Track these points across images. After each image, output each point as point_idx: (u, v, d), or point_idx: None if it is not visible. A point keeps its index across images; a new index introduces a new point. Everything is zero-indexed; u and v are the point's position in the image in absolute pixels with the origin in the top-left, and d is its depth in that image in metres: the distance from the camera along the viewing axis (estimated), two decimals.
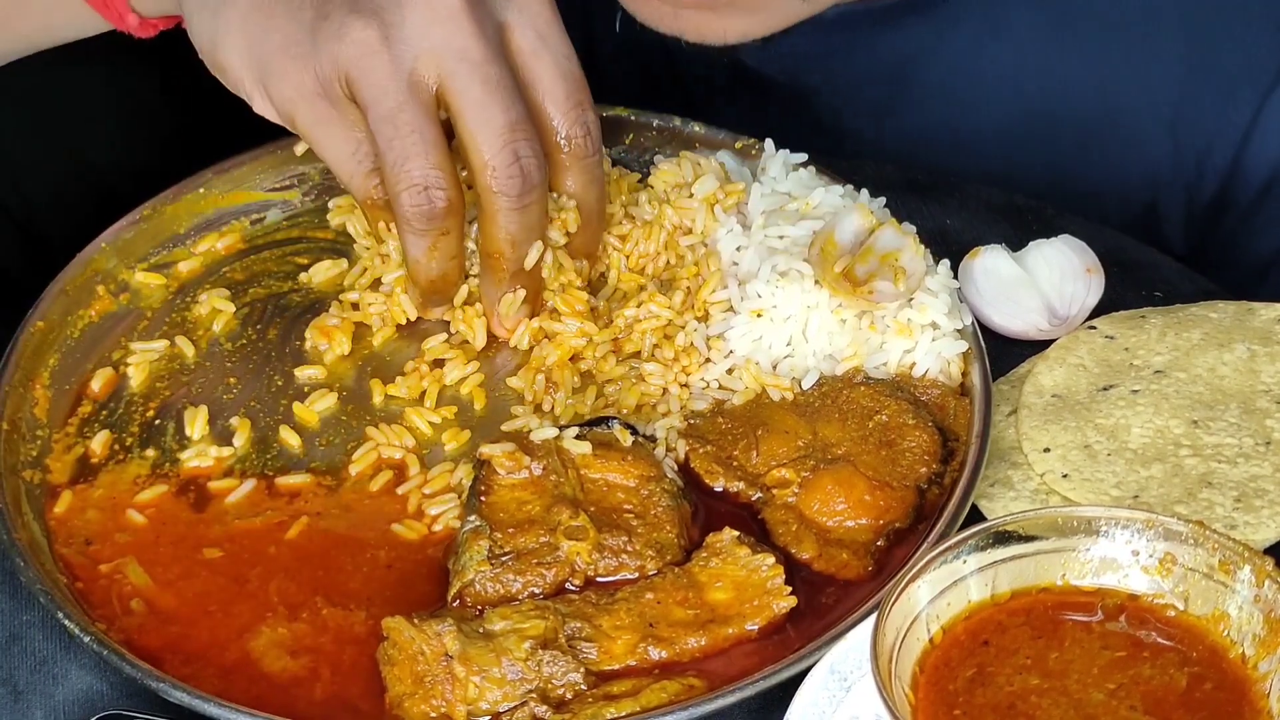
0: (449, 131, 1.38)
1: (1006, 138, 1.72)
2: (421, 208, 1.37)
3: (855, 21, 1.67)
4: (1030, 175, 1.69)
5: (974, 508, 1.37)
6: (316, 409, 1.45)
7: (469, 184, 1.40)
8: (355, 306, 1.52)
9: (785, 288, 1.44)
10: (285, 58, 1.37)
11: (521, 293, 1.43)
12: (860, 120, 1.73)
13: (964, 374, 1.44)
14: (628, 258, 1.53)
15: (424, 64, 1.35)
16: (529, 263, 1.41)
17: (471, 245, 1.45)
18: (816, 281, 1.44)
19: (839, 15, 1.55)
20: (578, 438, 1.40)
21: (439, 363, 1.47)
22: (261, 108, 1.41)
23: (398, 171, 1.36)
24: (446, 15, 1.34)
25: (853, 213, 1.46)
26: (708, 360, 1.46)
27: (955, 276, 1.48)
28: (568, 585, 1.33)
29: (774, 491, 1.38)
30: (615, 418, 1.43)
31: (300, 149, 1.58)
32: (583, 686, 1.26)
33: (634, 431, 1.42)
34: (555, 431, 1.40)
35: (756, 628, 1.30)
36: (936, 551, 1.19)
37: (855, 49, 1.70)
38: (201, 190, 1.58)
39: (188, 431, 1.44)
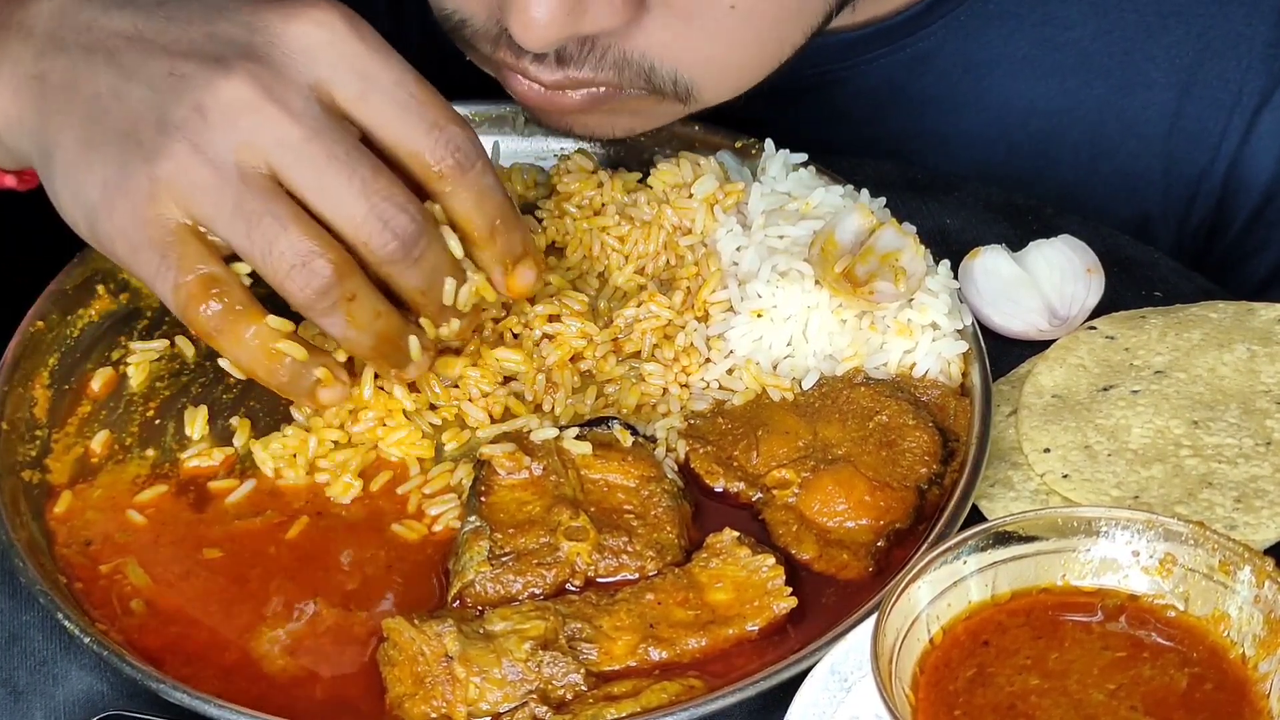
0: None
1: (991, 171, 1.70)
2: (311, 285, 1.28)
3: (826, 53, 1.66)
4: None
5: (974, 508, 1.37)
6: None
7: None
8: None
9: (785, 288, 1.44)
10: (102, 196, 1.31)
11: (455, 322, 1.38)
12: (839, 157, 1.72)
13: (964, 374, 1.44)
14: (627, 258, 1.53)
15: (245, 156, 1.28)
16: (448, 299, 1.35)
17: None
18: (817, 282, 1.44)
19: (809, 52, 1.54)
20: (578, 438, 1.40)
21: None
22: (92, 243, 1.35)
23: (270, 262, 1.28)
24: (244, 106, 1.28)
25: (853, 213, 1.46)
26: (708, 360, 1.46)
27: (955, 276, 1.48)
28: (568, 586, 1.33)
29: (774, 492, 1.38)
30: (615, 418, 1.43)
31: None
32: (583, 687, 1.26)
33: (634, 432, 1.42)
34: (555, 432, 1.40)
35: (757, 628, 1.30)
36: (937, 552, 1.19)
37: (829, 86, 1.68)
38: None
39: (188, 431, 1.44)
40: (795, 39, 1.48)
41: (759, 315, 1.45)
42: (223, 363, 1.37)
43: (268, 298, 1.33)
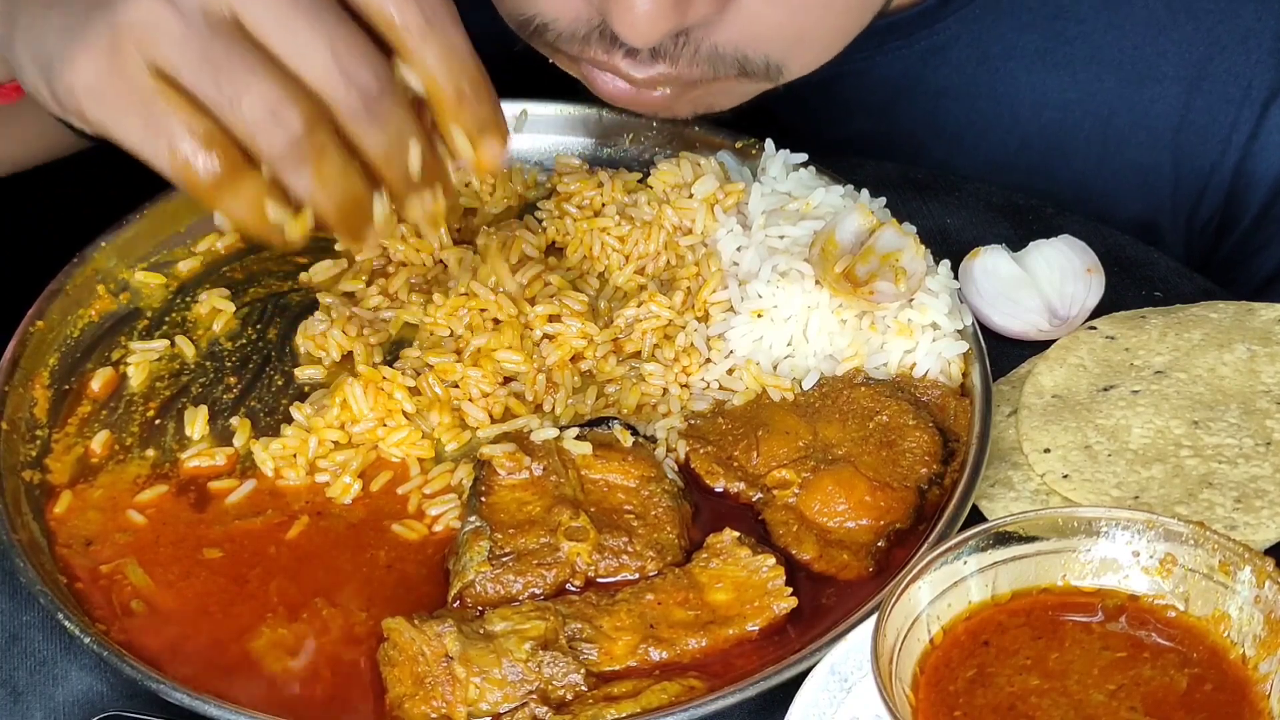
0: None
1: (1003, 163, 1.71)
2: (279, 134, 1.22)
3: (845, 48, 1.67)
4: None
5: (974, 508, 1.37)
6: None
7: None
8: (351, 296, 1.52)
9: (785, 288, 1.44)
10: (61, 49, 1.25)
11: (426, 194, 1.31)
12: (852, 149, 1.73)
13: (964, 374, 1.44)
14: (627, 258, 1.53)
15: (211, 4, 1.22)
16: (413, 167, 1.28)
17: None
18: (817, 282, 1.44)
19: None
20: (578, 438, 1.40)
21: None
22: (66, 115, 1.28)
23: (238, 111, 1.22)
24: None
25: (853, 213, 1.46)
26: (708, 360, 1.46)
27: (955, 276, 1.48)
28: (568, 586, 1.33)
29: (774, 492, 1.38)
30: (615, 418, 1.43)
31: None
32: (583, 687, 1.26)
33: (634, 432, 1.42)
34: (556, 432, 1.40)
35: (757, 628, 1.30)
36: (937, 552, 1.19)
37: (845, 78, 1.69)
38: None
39: (188, 431, 1.44)
40: (875, 5, 1.49)
41: (759, 315, 1.45)
42: (218, 219, 1.32)
43: None
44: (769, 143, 1.57)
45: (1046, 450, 1.41)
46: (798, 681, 1.24)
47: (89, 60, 1.24)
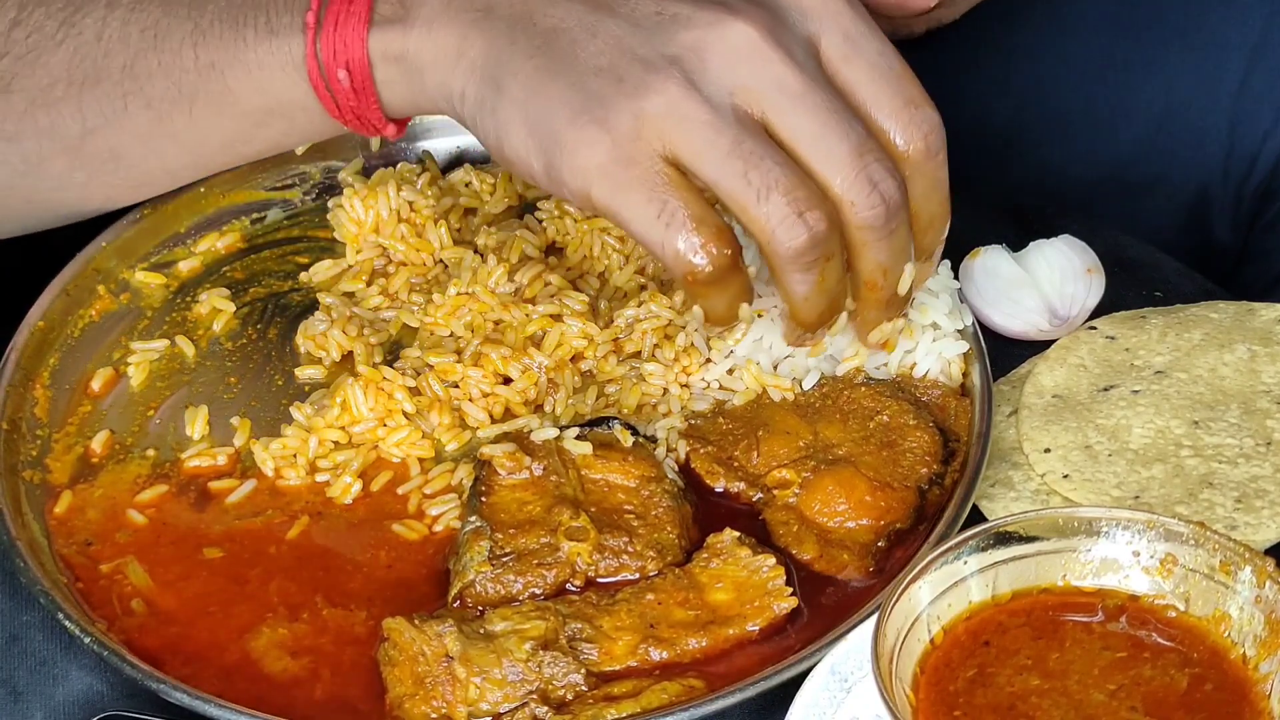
0: None
1: (1066, 129, 1.73)
2: (801, 238, 1.23)
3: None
4: (1091, 166, 1.69)
5: (975, 508, 1.37)
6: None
7: None
8: (352, 296, 1.52)
9: None
10: (573, 129, 1.25)
11: (900, 321, 1.36)
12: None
13: (965, 374, 1.44)
14: (627, 258, 1.53)
15: (742, 99, 1.24)
16: (903, 289, 1.31)
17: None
18: None
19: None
20: (578, 438, 1.40)
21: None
22: (557, 191, 1.29)
23: (764, 206, 1.23)
24: (749, 49, 1.24)
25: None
26: (708, 360, 1.46)
27: (955, 276, 1.48)
28: (568, 586, 1.33)
29: (775, 492, 1.38)
30: (616, 418, 1.43)
31: (301, 148, 1.58)
32: (583, 687, 1.26)
33: (635, 432, 1.41)
34: (556, 432, 1.40)
35: (757, 628, 1.30)
36: (937, 552, 1.19)
37: (920, 43, 1.70)
38: (202, 189, 1.58)
39: (188, 431, 1.44)
40: None
41: (759, 315, 1.45)
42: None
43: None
44: None
45: (1047, 450, 1.41)
46: (798, 681, 1.24)
47: (608, 144, 1.24)
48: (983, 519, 1.37)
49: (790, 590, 1.31)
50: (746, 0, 1.26)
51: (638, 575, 1.33)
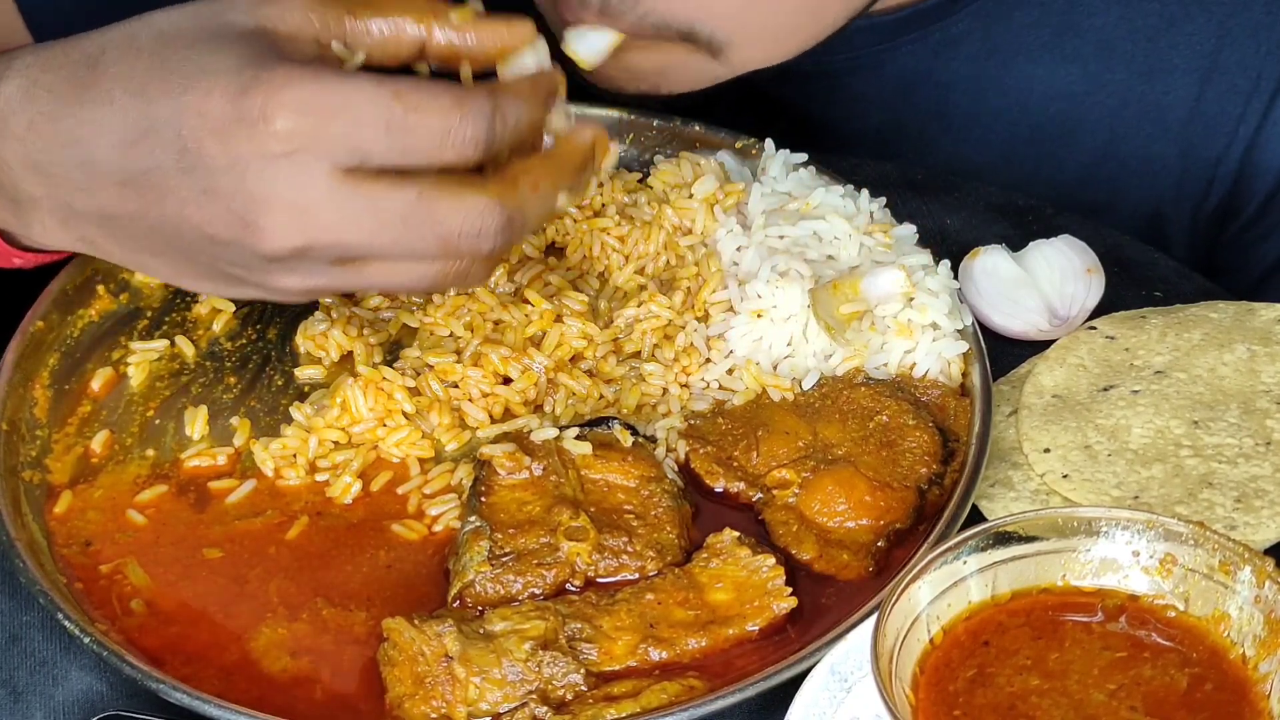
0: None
1: (1012, 153, 1.72)
2: (502, 233, 1.23)
3: (860, 38, 1.67)
4: (1037, 193, 1.69)
5: (974, 508, 1.37)
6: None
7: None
8: (352, 296, 1.52)
9: (785, 288, 1.44)
10: (227, 287, 1.27)
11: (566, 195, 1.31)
12: (868, 142, 1.73)
13: (964, 374, 1.44)
14: (627, 258, 1.53)
15: (341, 161, 1.20)
16: (558, 124, 1.29)
17: None
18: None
19: (839, 38, 1.54)
20: (578, 438, 1.40)
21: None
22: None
23: (455, 245, 1.23)
24: (301, 137, 1.20)
25: (894, 272, 1.44)
26: (708, 360, 1.46)
27: (955, 276, 1.48)
28: (568, 586, 1.33)
29: (774, 492, 1.38)
30: (615, 418, 1.43)
31: None
32: (583, 687, 1.26)
33: (634, 432, 1.42)
34: (555, 432, 1.40)
35: (757, 628, 1.30)
36: (937, 552, 1.19)
37: (858, 71, 1.70)
38: None
39: (188, 431, 1.44)
40: (837, 11, 1.49)
41: (759, 315, 1.45)
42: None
43: None
44: (769, 143, 1.57)
45: (1046, 450, 1.41)
46: (798, 681, 1.24)
47: (279, 271, 1.24)
48: (982, 519, 1.37)
49: (790, 590, 1.31)
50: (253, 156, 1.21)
51: (637, 575, 1.33)
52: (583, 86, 1.48)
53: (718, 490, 1.40)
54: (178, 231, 1.24)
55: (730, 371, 1.45)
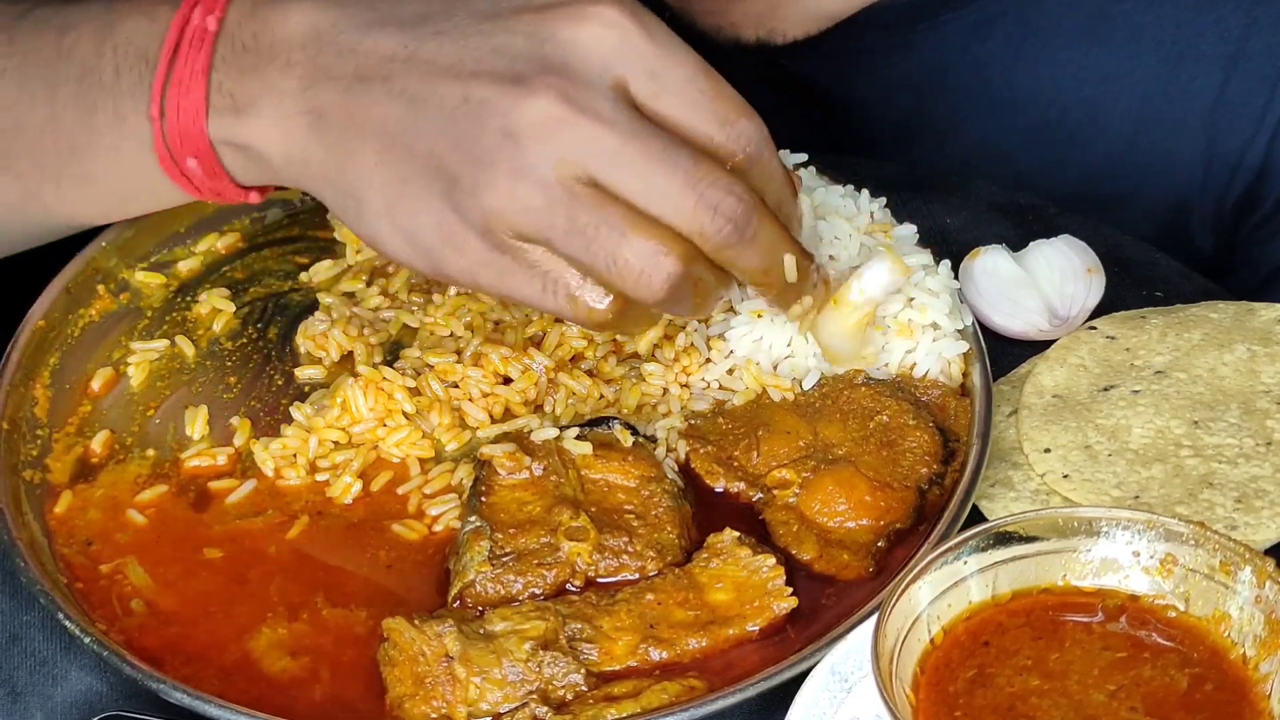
0: None
1: (1038, 142, 1.72)
2: (659, 289, 1.26)
3: (890, 22, 1.68)
4: (1062, 179, 1.69)
5: (975, 508, 1.37)
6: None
7: None
8: (351, 296, 1.52)
9: None
10: (443, 240, 1.28)
11: (807, 299, 1.36)
12: (894, 124, 1.73)
13: (964, 374, 1.44)
14: None
15: (565, 171, 1.25)
16: (790, 276, 1.32)
17: None
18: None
19: (874, 15, 1.54)
20: (578, 438, 1.40)
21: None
22: (447, 283, 1.40)
23: (615, 271, 1.26)
24: (557, 122, 1.24)
25: (886, 262, 1.43)
26: (708, 360, 1.46)
27: (955, 276, 1.48)
28: (568, 586, 1.33)
29: (775, 492, 1.38)
30: (616, 418, 1.43)
31: None
32: (583, 687, 1.26)
33: (634, 432, 1.41)
34: (556, 432, 1.40)
35: (757, 629, 1.30)
36: (937, 552, 1.19)
37: (893, 51, 1.70)
38: None
39: (188, 431, 1.44)
40: None
41: (759, 315, 1.45)
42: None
43: None
44: None
45: (1047, 450, 1.41)
46: (798, 681, 1.24)
47: (475, 242, 1.27)
48: (983, 519, 1.37)
49: (790, 590, 1.31)
50: (541, 70, 1.26)
51: (638, 575, 1.33)
52: (696, 41, 1.48)
53: (718, 490, 1.40)
54: (431, 123, 1.27)
55: (730, 371, 1.45)
